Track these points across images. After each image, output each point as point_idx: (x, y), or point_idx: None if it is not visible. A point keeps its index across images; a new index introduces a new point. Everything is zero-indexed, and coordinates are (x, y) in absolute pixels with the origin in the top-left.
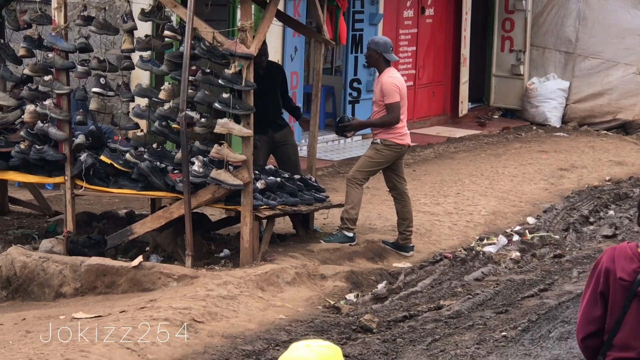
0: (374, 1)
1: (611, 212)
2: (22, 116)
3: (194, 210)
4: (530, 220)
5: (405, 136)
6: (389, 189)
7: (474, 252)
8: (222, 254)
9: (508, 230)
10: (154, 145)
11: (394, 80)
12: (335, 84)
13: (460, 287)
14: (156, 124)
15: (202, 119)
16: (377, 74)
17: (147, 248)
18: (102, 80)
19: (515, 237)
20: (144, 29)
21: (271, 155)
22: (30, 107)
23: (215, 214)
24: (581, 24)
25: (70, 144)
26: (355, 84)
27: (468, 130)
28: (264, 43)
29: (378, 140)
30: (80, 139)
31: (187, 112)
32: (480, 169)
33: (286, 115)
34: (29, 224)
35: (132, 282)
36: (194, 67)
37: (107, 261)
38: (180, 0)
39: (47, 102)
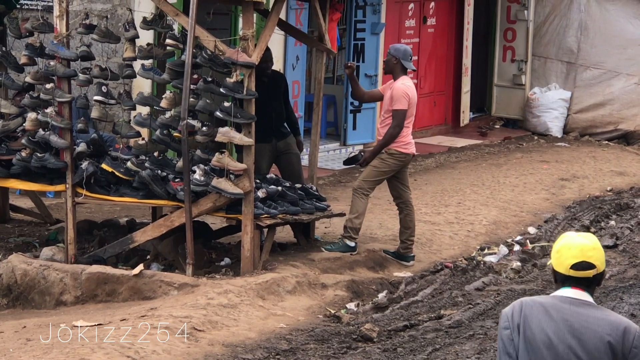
0: (376, 10)
1: (612, 223)
2: (24, 124)
3: (195, 219)
4: (531, 230)
5: (410, 145)
6: (393, 198)
7: (474, 261)
8: (222, 263)
9: (509, 240)
10: (155, 154)
11: (406, 88)
12: (336, 93)
13: (461, 297)
14: (157, 132)
15: (204, 128)
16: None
17: (148, 256)
18: (103, 89)
19: (516, 247)
20: (145, 37)
21: (274, 164)
22: (31, 115)
23: (216, 222)
24: (583, 34)
25: (72, 152)
26: None
27: (469, 139)
28: (268, 50)
29: (383, 150)
30: (81, 147)
31: (188, 120)
32: (481, 178)
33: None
34: (29, 231)
35: (133, 290)
36: (195, 76)
37: (108, 269)
38: (182, 8)
39: (49, 110)
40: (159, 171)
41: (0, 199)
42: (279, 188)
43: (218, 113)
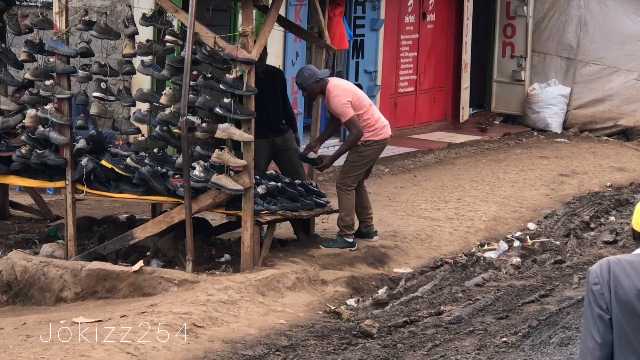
0: (376, 6)
1: (612, 218)
2: (23, 120)
3: (195, 215)
4: (531, 226)
5: (383, 129)
6: None
7: (474, 257)
8: (222, 259)
9: (509, 236)
10: (155, 150)
11: (338, 99)
12: None
13: (460, 293)
14: (157, 128)
15: (203, 124)
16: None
17: (148, 253)
18: (103, 85)
19: (516, 243)
20: (145, 33)
21: (272, 160)
22: (31, 112)
23: (216, 218)
24: (582, 30)
25: (71, 149)
26: None
27: (469, 135)
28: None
29: (359, 143)
30: (81, 143)
31: (188, 117)
32: (481, 174)
33: None
34: (29, 228)
35: (133, 286)
36: (195, 72)
37: (108, 266)
38: (182, 5)
39: (48, 106)
40: (159, 167)
41: (0, 195)
42: (279, 184)
43: (218, 109)
